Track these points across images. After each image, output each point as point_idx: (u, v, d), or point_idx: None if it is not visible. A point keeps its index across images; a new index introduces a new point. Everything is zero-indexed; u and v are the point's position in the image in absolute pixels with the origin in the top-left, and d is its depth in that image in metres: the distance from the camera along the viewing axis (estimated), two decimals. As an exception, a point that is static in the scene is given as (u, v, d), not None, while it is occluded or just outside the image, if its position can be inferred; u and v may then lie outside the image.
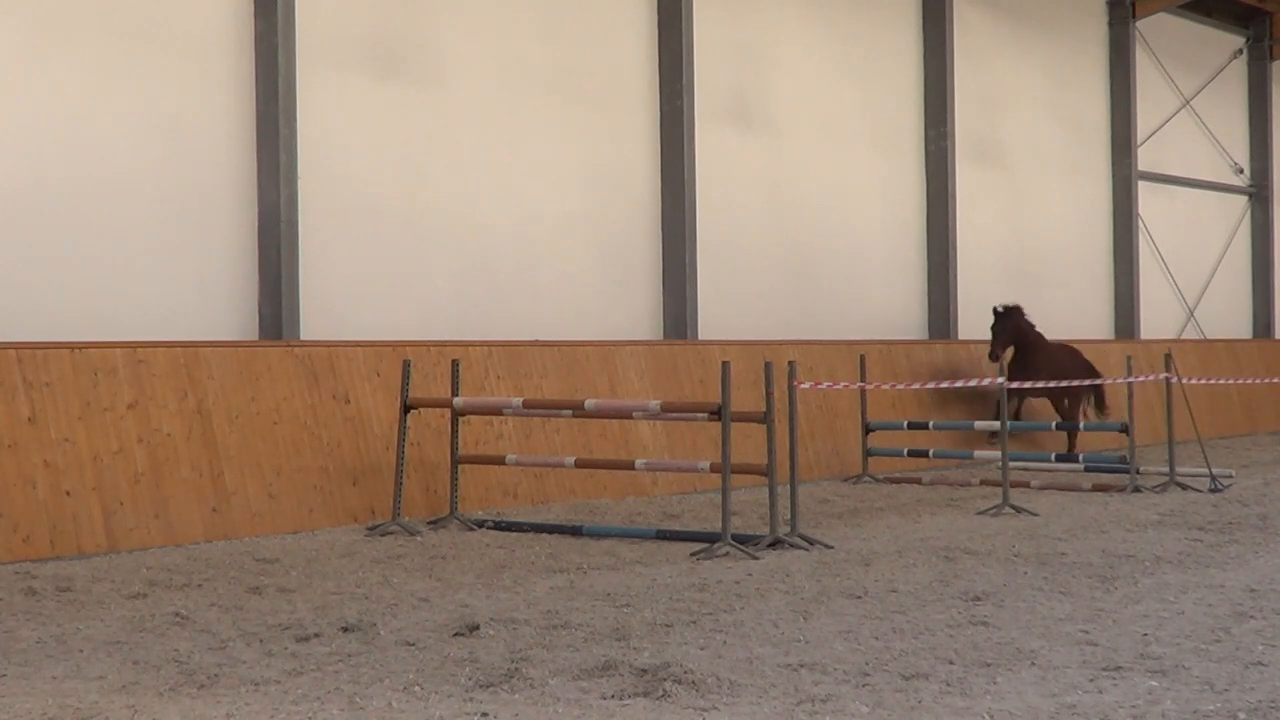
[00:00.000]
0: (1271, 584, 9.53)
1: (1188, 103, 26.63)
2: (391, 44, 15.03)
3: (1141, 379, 16.71)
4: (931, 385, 17.37)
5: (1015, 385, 16.52)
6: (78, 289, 12.73)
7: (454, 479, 12.94)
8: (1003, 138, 22.81)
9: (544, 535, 12.16)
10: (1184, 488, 15.68)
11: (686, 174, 17.46)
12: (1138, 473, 15.87)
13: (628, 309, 17.26)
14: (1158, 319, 25.80)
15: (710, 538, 11.33)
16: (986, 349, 20.19)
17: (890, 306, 20.71)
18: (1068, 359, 19.41)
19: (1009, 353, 18.96)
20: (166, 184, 13.35)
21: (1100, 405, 19.55)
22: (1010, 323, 18.68)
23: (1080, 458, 17.28)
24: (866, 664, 7.16)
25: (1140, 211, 25.13)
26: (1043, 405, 20.50)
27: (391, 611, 8.70)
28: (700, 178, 17.72)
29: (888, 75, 20.78)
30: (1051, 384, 17.55)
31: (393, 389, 13.28)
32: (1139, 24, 25.07)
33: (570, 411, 13.18)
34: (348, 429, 13.17)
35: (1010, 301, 19.31)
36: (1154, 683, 6.75)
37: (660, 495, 15.09)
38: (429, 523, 12.74)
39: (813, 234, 19.63)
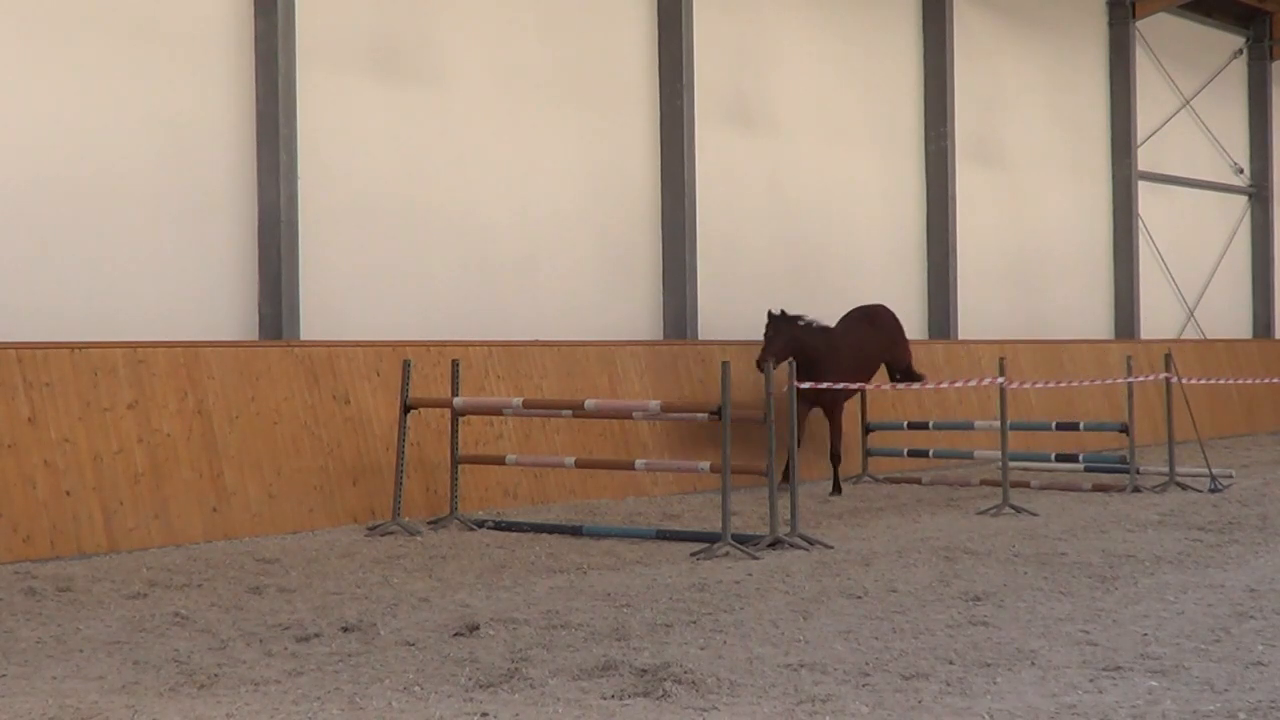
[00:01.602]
0: (1271, 584, 9.53)
1: (1188, 103, 26.63)
2: (391, 43, 15.03)
3: (1141, 379, 16.71)
4: (931, 385, 17.37)
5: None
6: (78, 289, 12.73)
7: (454, 479, 12.94)
8: (1003, 138, 22.81)
9: (544, 535, 12.15)
10: (1184, 488, 15.67)
11: (686, 174, 17.45)
12: (1138, 473, 15.86)
13: (628, 309, 17.25)
14: (1158, 319, 25.79)
15: (710, 538, 11.32)
16: (984, 348, 20.23)
17: (890, 306, 20.67)
18: (866, 341, 16.66)
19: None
20: (167, 184, 13.34)
21: (908, 376, 16.95)
22: (787, 331, 15.64)
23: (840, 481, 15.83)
24: (866, 664, 7.16)
25: (1140, 211, 25.12)
26: (1042, 402, 20.50)
27: (391, 611, 8.70)
28: (700, 177, 17.72)
29: (888, 75, 20.78)
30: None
31: (393, 389, 13.28)
32: (1139, 24, 25.06)
33: (570, 411, 13.18)
34: (348, 429, 13.16)
35: (791, 311, 16.24)
36: (1154, 683, 6.75)
37: (660, 495, 15.09)
38: (429, 523, 12.73)
39: (813, 234, 19.63)
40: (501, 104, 16.00)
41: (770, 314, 15.86)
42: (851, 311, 17.21)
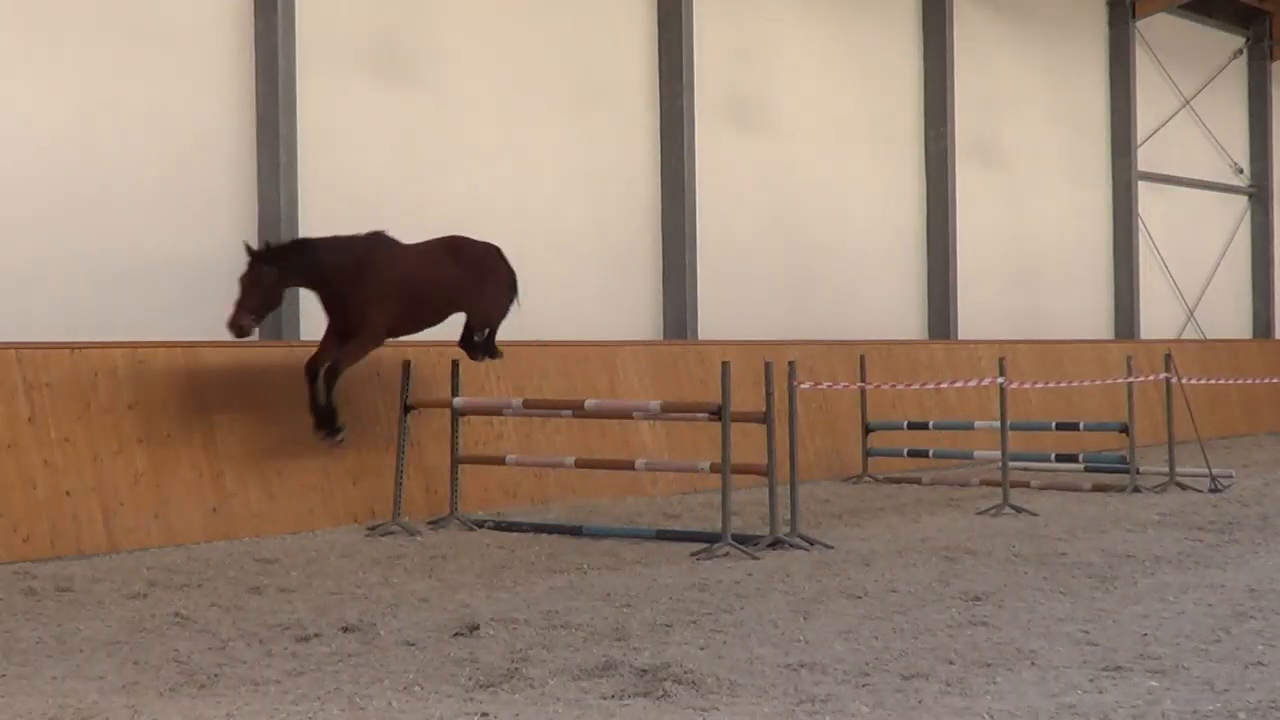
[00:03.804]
0: (1271, 584, 9.53)
1: (1188, 103, 26.63)
2: (391, 43, 15.03)
3: (1141, 379, 16.70)
4: (931, 385, 17.35)
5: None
6: (78, 289, 12.73)
7: (454, 479, 12.94)
8: (1003, 138, 22.81)
9: (544, 535, 12.15)
10: (1184, 488, 15.67)
11: (686, 174, 17.46)
12: (1138, 473, 15.86)
13: (628, 309, 17.25)
14: (1158, 319, 25.80)
15: (710, 538, 11.32)
16: (984, 348, 20.19)
17: (890, 306, 20.70)
18: (430, 274, 12.90)
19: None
20: (166, 184, 13.35)
21: (488, 345, 13.41)
22: (271, 273, 11.98)
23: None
24: (866, 664, 7.16)
25: (1140, 211, 25.12)
26: (1042, 402, 20.46)
27: (391, 611, 8.70)
28: (700, 178, 17.72)
29: (888, 75, 20.78)
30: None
31: (393, 389, 13.27)
32: (1139, 24, 25.07)
33: (570, 411, 13.17)
34: (348, 429, 13.13)
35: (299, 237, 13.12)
36: (1154, 683, 6.75)
37: (660, 495, 15.08)
38: (429, 523, 12.73)
39: (813, 234, 19.63)
40: (501, 104, 16.00)
41: (249, 249, 11.99)
42: (436, 239, 13.30)
